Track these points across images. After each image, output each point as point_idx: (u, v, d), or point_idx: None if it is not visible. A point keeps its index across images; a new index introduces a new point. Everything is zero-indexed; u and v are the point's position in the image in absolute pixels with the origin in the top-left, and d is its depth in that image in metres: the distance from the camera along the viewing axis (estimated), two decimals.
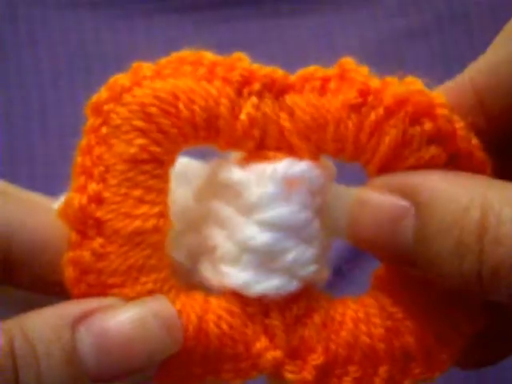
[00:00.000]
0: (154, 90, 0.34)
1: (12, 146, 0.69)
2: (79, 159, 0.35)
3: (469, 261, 0.31)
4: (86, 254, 0.34)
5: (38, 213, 0.35)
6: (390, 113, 0.34)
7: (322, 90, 0.35)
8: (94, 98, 0.35)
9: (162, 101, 0.34)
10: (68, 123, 0.69)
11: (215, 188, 0.36)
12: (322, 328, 0.36)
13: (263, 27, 0.74)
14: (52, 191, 0.67)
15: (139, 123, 0.34)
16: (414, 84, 0.35)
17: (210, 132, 0.34)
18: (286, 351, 0.36)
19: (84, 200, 0.34)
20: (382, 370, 0.36)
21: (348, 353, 0.36)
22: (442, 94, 0.35)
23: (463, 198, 0.31)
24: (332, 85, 0.35)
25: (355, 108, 0.34)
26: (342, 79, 0.35)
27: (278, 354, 0.35)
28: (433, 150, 0.35)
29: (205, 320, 0.35)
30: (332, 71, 0.35)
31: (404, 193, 0.33)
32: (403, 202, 0.33)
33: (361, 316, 0.36)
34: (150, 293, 0.34)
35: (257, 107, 0.34)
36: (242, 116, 0.34)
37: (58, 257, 0.34)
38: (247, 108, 0.34)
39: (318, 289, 0.37)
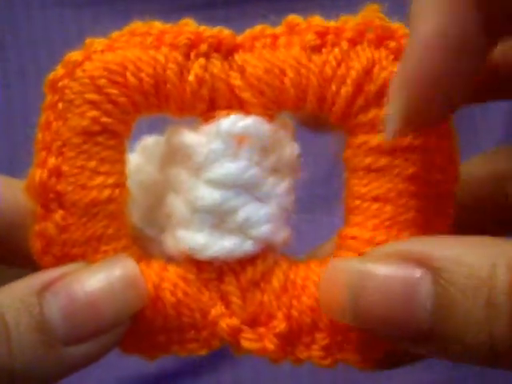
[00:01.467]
0: (103, 62, 0.35)
1: (12, 145, 0.68)
2: (39, 135, 0.35)
3: (501, 324, 0.28)
4: (50, 227, 0.35)
5: (10, 189, 0.36)
6: (353, 44, 0.33)
7: (273, 46, 0.35)
8: (51, 75, 0.36)
9: (110, 72, 0.34)
10: None
11: (171, 155, 0.36)
12: (281, 293, 0.34)
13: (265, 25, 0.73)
14: None
15: (90, 96, 0.34)
16: (371, 14, 0.34)
17: (159, 98, 0.35)
18: (244, 318, 0.34)
19: (44, 174, 0.35)
20: (353, 336, 0.34)
21: (313, 319, 0.34)
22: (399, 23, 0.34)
23: (486, 259, 0.29)
24: (282, 40, 0.35)
25: (316, 49, 0.34)
26: (291, 33, 0.35)
27: (233, 321, 0.34)
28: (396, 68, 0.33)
29: (161, 289, 0.34)
30: (280, 28, 0.35)
31: (416, 260, 0.30)
32: (417, 270, 0.30)
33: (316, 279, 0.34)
34: None
35: (204, 68, 0.34)
36: (190, 77, 0.34)
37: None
38: (195, 69, 0.34)
39: (279, 252, 0.35)
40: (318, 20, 0.35)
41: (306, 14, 0.76)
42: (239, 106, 0.34)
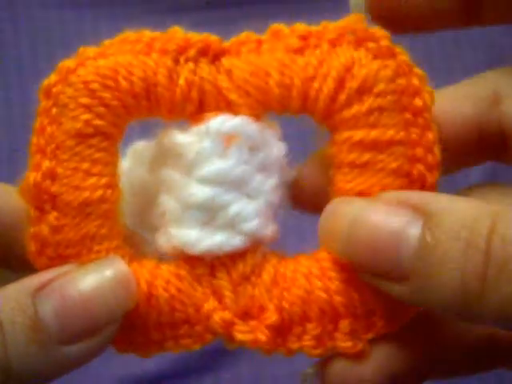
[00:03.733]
0: (95, 67, 0.36)
1: (12, 145, 0.69)
2: (34, 139, 0.36)
3: (476, 261, 0.30)
4: (44, 228, 0.35)
5: (7, 194, 0.37)
6: (333, 46, 0.35)
7: (258, 51, 0.36)
8: (45, 82, 0.37)
9: (102, 76, 0.36)
10: None
11: (163, 156, 0.37)
12: (272, 286, 0.35)
13: (263, 28, 0.73)
14: None
15: (83, 100, 0.36)
16: (352, 18, 0.36)
17: (150, 101, 0.36)
18: (236, 312, 0.35)
19: (38, 177, 0.36)
20: (343, 325, 0.35)
21: (303, 310, 0.35)
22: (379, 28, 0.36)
23: (474, 210, 0.31)
24: (266, 45, 0.36)
25: (298, 51, 0.35)
26: (275, 39, 0.36)
27: (226, 314, 0.35)
28: (377, 64, 0.35)
29: (154, 286, 0.35)
30: (265, 35, 0.37)
31: (412, 206, 0.32)
32: (411, 213, 0.32)
33: (314, 271, 0.35)
34: None
35: (193, 72, 0.36)
36: (180, 81, 0.35)
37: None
38: (184, 73, 0.35)
39: (268, 247, 0.36)
40: (300, 25, 0.36)
41: (305, 16, 0.76)
42: (227, 107, 0.36)
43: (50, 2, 0.74)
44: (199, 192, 0.35)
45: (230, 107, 0.36)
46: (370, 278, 0.33)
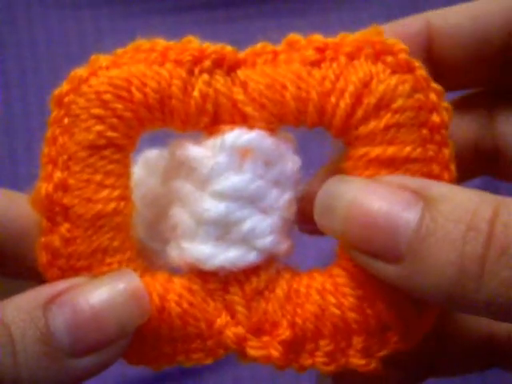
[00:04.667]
0: (108, 78, 0.35)
1: (12, 145, 0.69)
2: (45, 150, 0.36)
3: (475, 243, 0.30)
4: (56, 239, 0.35)
5: (16, 203, 0.37)
6: (351, 59, 0.34)
7: (274, 62, 0.35)
8: (57, 91, 0.36)
9: (115, 87, 0.35)
10: None
11: (175, 168, 0.37)
12: (285, 302, 0.35)
13: (263, 27, 0.74)
14: None
15: (96, 111, 0.35)
16: (369, 31, 0.35)
17: (164, 113, 0.35)
18: (249, 327, 0.35)
19: (50, 188, 0.35)
20: (356, 341, 0.34)
21: (317, 326, 0.34)
22: (397, 39, 0.35)
23: (476, 197, 0.31)
24: (282, 56, 0.35)
25: (315, 64, 0.35)
26: (291, 50, 0.35)
27: (239, 330, 0.35)
28: (395, 79, 0.34)
29: (167, 300, 0.35)
30: (281, 45, 0.36)
31: (413, 190, 0.32)
32: (412, 196, 0.32)
33: (328, 287, 0.35)
34: None
35: (208, 83, 0.35)
36: (195, 93, 0.35)
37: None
38: (199, 85, 0.35)
39: (282, 262, 0.36)
40: (317, 37, 0.35)
41: (306, 16, 0.76)
42: (242, 120, 0.35)
43: (50, 1, 0.74)
44: (213, 207, 0.34)
45: (245, 120, 0.35)
46: (365, 259, 0.33)
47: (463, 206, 0.30)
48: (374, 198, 0.32)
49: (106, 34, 0.73)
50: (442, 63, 0.37)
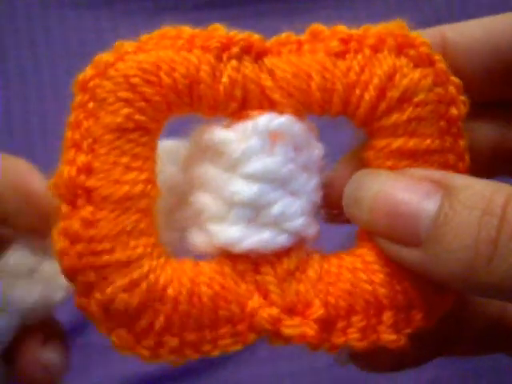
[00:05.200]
0: (136, 62, 0.35)
1: (12, 145, 0.69)
2: (68, 134, 0.36)
3: (489, 226, 0.31)
4: (75, 223, 0.34)
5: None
6: (375, 51, 0.36)
7: (299, 52, 0.36)
8: (80, 76, 0.36)
9: (144, 71, 0.35)
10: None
11: (199, 153, 0.37)
12: (317, 281, 0.35)
13: (263, 27, 0.74)
14: None
15: (124, 94, 0.35)
16: (392, 23, 0.37)
17: (192, 98, 0.36)
18: (282, 307, 0.35)
19: (73, 171, 0.35)
20: (387, 317, 0.35)
21: (349, 303, 0.35)
22: (419, 33, 0.37)
23: (491, 186, 0.33)
24: (307, 46, 0.36)
25: (340, 55, 0.36)
26: (315, 40, 0.36)
27: (273, 310, 0.35)
28: (418, 73, 0.36)
29: (196, 283, 0.35)
30: (304, 35, 0.37)
31: (435, 181, 0.34)
32: (433, 187, 0.34)
33: (358, 265, 0.36)
34: (141, 257, 0.34)
35: (237, 69, 0.35)
36: (224, 78, 0.35)
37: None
38: (228, 70, 0.35)
39: (310, 246, 0.37)
40: (341, 28, 0.36)
41: (306, 16, 0.77)
42: (269, 106, 0.36)
43: (50, 1, 0.74)
44: (246, 189, 0.35)
45: (272, 106, 0.36)
46: (387, 244, 0.34)
47: (480, 193, 0.32)
48: (398, 190, 0.34)
49: (105, 34, 0.73)
50: (456, 76, 0.39)
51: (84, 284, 0.35)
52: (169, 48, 0.36)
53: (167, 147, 0.39)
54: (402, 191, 0.34)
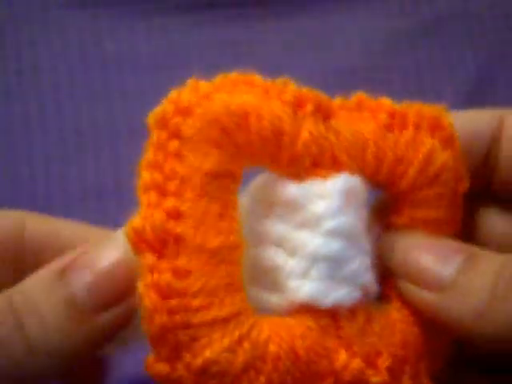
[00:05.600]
0: (224, 102, 0.34)
1: (12, 145, 0.70)
2: (146, 174, 0.33)
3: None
4: (168, 275, 0.31)
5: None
6: (416, 129, 0.39)
7: (353, 117, 0.38)
8: (159, 110, 0.34)
9: (233, 114, 0.34)
10: (68, 123, 0.69)
11: (263, 208, 0.37)
12: (382, 333, 0.37)
13: (263, 27, 0.74)
14: (52, 191, 0.67)
15: (214, 134, 0.33)
16: (432, 108, 0.40)
17: (275, 149, 0.35)
18: (363, 358, 0.36)
19: (162, 216, 0.32)
20: (422, 366, 0.38)
21: (405, 353, 0.37)
22: (444, 111, 0.40)
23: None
24: (357, 114, 0.38)
25: (387, 128, 0.38)
26: (361, 109, 0.39)
27: (358, 362, 0.35)
28: (446, 155, 0.39)
29: (293, 338, 0.34)
30: (350, 103, 0.39)
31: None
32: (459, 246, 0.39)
33: (402, 318, 0.38)
34: (239, 313, 0.33)
35: (315, 126, 0.36)
36: (304, 133, 0.35)
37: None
38: (308, 126, 0.36)
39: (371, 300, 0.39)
40: (386, 101, 0.39)
41: (305, 16, 0.78)
42: (334, 166, 0.37)
43: (50, 1, 0.70)
44: (329, 245, 0.35)
45: (337, 166, 0.37)
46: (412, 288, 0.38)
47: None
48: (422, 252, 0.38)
49: (105, 34, 0.74)
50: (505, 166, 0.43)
51: (172, 345, 0.32)
52: (247, 94, 0.35)
53: None
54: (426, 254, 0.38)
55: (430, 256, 0.38)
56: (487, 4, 0.76)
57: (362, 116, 0.38)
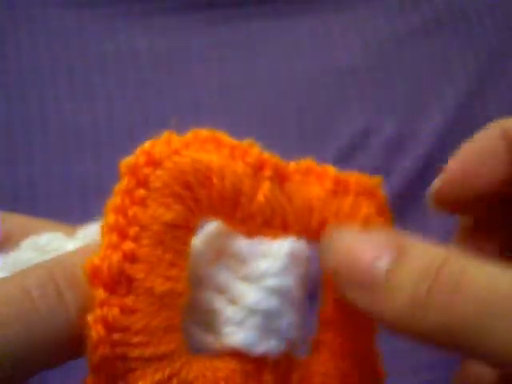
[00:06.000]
0: (192, 159, 0.37)
1: (12, 145, 0.70)
2: (111, 217, 0.35)
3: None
4: (116, 311, 0.34)
5: None
6: (356, 196, 0.42)
7: (302, 182, 0.41)
8: (131, 159, 0.36)
9: (198, 171, 0.37)
10: (68, 123, 0.69)
11: (211, 254, 0.39)
12: (299, 383, 0.40)
13: (263, 27, 0.74)
14: (52, 191, 0.67)
15: (178, 189, 0.36)
16: (371, 180, 0.43)
17: (232, 206, 0.38)
18: None
19: (119, 257, 0.35)
20: None
21: None
22: (378, 181, 0.44)
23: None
24: (303, 178, 0.41)
25: (331, 193, 0.41)
26: (308, 173, 0.42)
27: None
28: (380, 221, 0.43)
29: (217, 379, 0.37)
30: (297, 166, 0.42)
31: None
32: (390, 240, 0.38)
33: (327, 372, 0.41)
34: (173, 353, 0.36)
35: (271, 190, 0.39)
36: (260, 197, 0.39)
37: None
38: (264, 190, 0.39)
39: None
40: (331, 169, 0.42)
41: (305, 16, 0.77)
42: (281, 227, 0.40)
43: (50, 1, 0.70)
44: (266, 301, 0.38)
45: (285, 228, 0.40)
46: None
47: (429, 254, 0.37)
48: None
49: (105, 34, 0.74)
50: None
51: (109, 374, 0.34)
52: (214, 153, 0.38)
53: None
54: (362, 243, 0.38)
55: (363, 255, 0.37)
56: (487, 4, 0.76)
57: (310, 181, 0.41)
